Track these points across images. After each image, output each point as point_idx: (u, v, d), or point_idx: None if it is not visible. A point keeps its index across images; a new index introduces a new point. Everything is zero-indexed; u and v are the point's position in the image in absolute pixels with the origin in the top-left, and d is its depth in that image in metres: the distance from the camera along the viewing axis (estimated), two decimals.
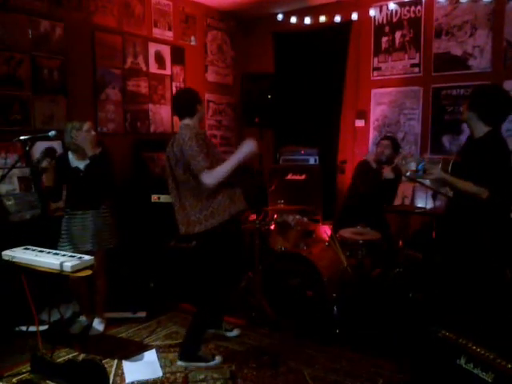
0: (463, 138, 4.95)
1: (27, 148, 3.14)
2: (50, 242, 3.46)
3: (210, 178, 2.94)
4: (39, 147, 4.03)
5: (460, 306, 2.81)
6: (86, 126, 3.52)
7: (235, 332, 3.60)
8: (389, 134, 5.06)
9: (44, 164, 3.33)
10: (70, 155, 3.58)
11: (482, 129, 2.81)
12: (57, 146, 3.93)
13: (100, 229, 3.55)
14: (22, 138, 3.10)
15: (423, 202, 4.46)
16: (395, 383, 2.94)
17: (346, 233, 4.14)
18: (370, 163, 4.57)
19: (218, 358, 3.19)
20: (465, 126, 4.85)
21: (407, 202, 4.89)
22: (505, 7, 4.69)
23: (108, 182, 3.60)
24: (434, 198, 3.73)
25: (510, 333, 2.57)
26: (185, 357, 3.17)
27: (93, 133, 3.56)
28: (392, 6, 5.30)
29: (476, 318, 2.66)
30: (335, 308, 3.57)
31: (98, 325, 3.68)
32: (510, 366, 2.18)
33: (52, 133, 3.10)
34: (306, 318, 3.64)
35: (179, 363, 3.16)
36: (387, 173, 4.33)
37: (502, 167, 2.70)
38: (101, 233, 3.55)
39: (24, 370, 3.01)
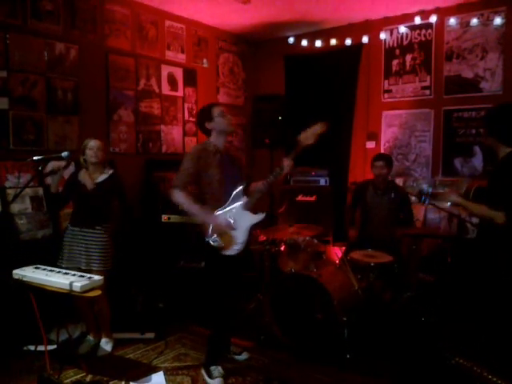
0: (475, 160, 4.93)
1: (40, 168, 3.19)
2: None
3: (174, 197, 3.18)
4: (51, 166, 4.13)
5: (475, 332, 2.74)
6: (92, 143, 3.53)
7: (244, 356, 3.55)
8: (379, 153, 4.97)
9: (50, 167, 3.37)
10: (82, 173, 3.61)
11: (503, 150, 2.77)
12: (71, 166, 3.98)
13: (90, 249, 3.49)
14: (35, 158, 3.14)
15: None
16: None
17: (357, 255, 4.10)
18: None
19: (218, 381, 3.16)
20: (477, 149, 4.84)
21: (419, 224, 4.85)
22: None
23: (110, 204, 3.60)
24: (450, 220, 3.68)
25: None
26: (204, 363, 3.33)
27: (98, 153, 3.53)
28: (402, 29, 5.35)
29: (492, 346, 2.60)
30: (346, 332, 3.51)
31: (105, 345, 3.65)
32: None
33: (65, 154, 3.13)
34: (315, 341, 3.58)
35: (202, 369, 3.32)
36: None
37: None
38: (91, 253, 3.49)
39: None
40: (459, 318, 3.02)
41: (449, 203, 2.96)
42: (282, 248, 4.41)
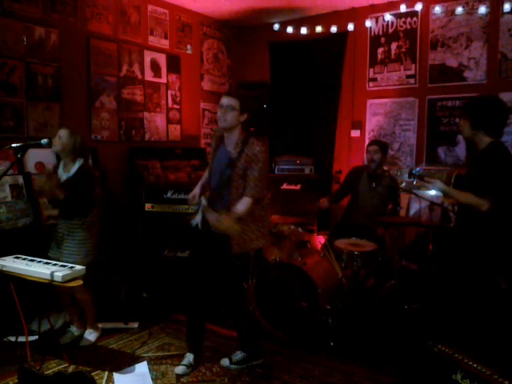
0: (458, 149, 4.97)
1: (19, 155, 3.12)
2: (42, 251, 3.42)
3: None
4: (32, 155, 4.06)
5: (456, 319, 2.78)
6: (59, 132, 3.45)
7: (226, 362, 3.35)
8: (374, 139, 5.00)
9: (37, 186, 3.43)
10: (60, 164, 3.55)
11: (484, 141, 2.79)
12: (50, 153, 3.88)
13: (65, 241, 3.42)
14: (13, 145, 3.07)
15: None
16: None
17: (341, 243, 4.11)
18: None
19: (179, 368, 3.19)
20: (460, 138, 4.86)
21: (402, 213, 4.88)
22: (499, 20, 4.72)
23: (83, 197, 3.44)
24: (431, 209, 3.70)
25: (506, 348, 2.54)
26: None
27: (58, 141, 3.40)
28: (388, 17, 5.32)
29: (472, 332, 2.64)
30: (330, 319, 3.53)
31: (89, 335, 3.61)
32: (506, 382, 2.15)
33: (44, 141, 3.06)
34: (300, 329, 3.60)
35: None
36: (323, 203, 4.55)
37: (505, 178, 2.68)
38: (65, 245, 3.41)
39: (11, 383, 2.94)
40: (442, 305, 3.05)
41: (433, 191, 2.98)
42: None
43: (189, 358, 3.23)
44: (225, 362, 3.29)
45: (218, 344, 3.58)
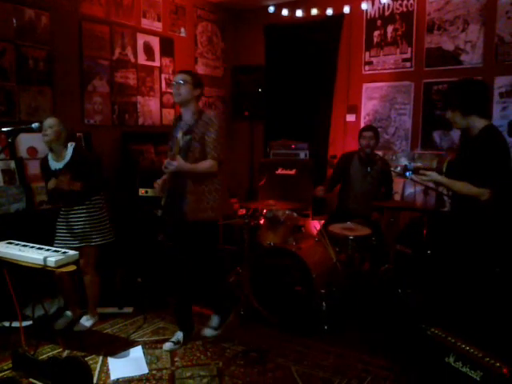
0: (454, 133, 4.94)
1: (10, 140, 3.08)
2: (35, 237, 3.39)
3: None
4: (24, 139, 4.02)
5: (450, 303, 2.79)
6: (44, 122, 3.40)
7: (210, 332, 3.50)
8: (369, 124, 5.02)
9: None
10: (50, 156, 3.52)
11: (478, 125, 2.73)
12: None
13: (82, 224, 3.46)
14: (4, 129, 3.03)
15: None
16: (383, 380, 2.92)
17: (336, 228, 4.11)
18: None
19: (166, 345, 3.32)
20: None
21: (397, 197, 4.89)
22: (497, 2, 4.67)
23: (90, 176, 3.47)
24: (425, 193, 3.70)
25: (498, 331, 2.56)
26: None
27: (48, 130, 3.39)
28: None
29: (465, 316, 2.65)
30: (324, 304, 3.55)
31: (86, 321, 3.62)
32: (498, 364, 2.17)
33: (35, 125, 3.03)
34: (294, 313, 3.61)
35: None
36: (319, 191, 4.58)
37: (502, 164, 2.62)
38: (83, 228, 3.47)
39: (5, 367, 2.95)
40: (436, 289, 3.07)
41: (430, 182, 2.96)
42: (262, 221, 4.39)
43: (178, 335, 3.36)
44: (208, 331, 3.43)
45: None
